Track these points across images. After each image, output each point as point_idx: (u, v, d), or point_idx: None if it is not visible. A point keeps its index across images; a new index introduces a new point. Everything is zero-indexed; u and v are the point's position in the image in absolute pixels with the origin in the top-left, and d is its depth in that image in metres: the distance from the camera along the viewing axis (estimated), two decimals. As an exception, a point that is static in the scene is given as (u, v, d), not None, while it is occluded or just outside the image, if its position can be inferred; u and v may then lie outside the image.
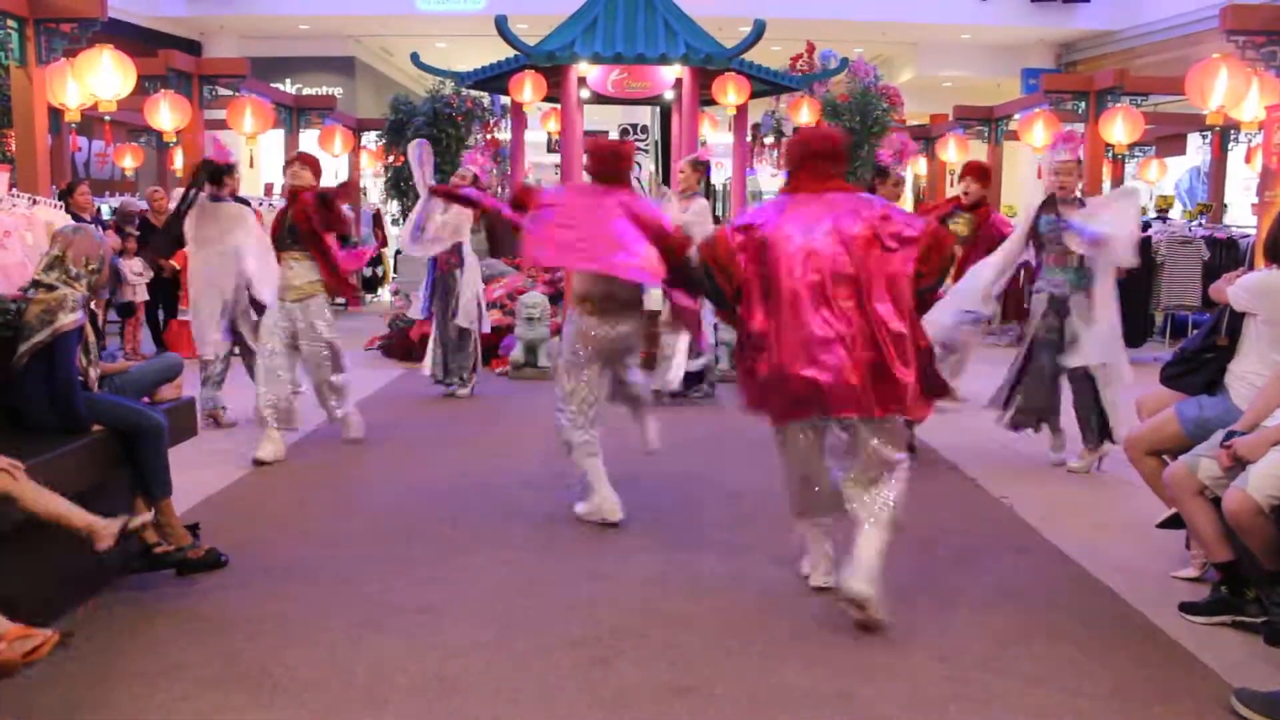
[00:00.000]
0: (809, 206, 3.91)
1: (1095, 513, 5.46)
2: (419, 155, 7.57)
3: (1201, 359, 4.41)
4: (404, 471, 6.14)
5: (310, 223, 6.42)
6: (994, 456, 6.64)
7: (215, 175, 7.03)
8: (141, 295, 10.31)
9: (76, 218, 8.30)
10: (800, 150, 4.06)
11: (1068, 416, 6.40)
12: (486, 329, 8.79)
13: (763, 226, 3.92)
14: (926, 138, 17.20)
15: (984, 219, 7.04)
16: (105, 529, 3.51)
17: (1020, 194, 18.35)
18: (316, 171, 6.75)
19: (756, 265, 3.90)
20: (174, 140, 12.19)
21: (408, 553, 4.66)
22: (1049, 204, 6.17)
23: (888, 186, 6.65)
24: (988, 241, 6.69)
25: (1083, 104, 12.61)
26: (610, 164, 4.96)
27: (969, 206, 7.22)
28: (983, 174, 7.17)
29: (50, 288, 4.14)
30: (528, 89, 12.40)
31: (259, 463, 6.16)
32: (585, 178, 5.15)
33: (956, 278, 6.32)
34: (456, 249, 8.18)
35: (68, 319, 4.07)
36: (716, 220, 8.30)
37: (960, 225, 7.13)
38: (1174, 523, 4.33)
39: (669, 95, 13.72)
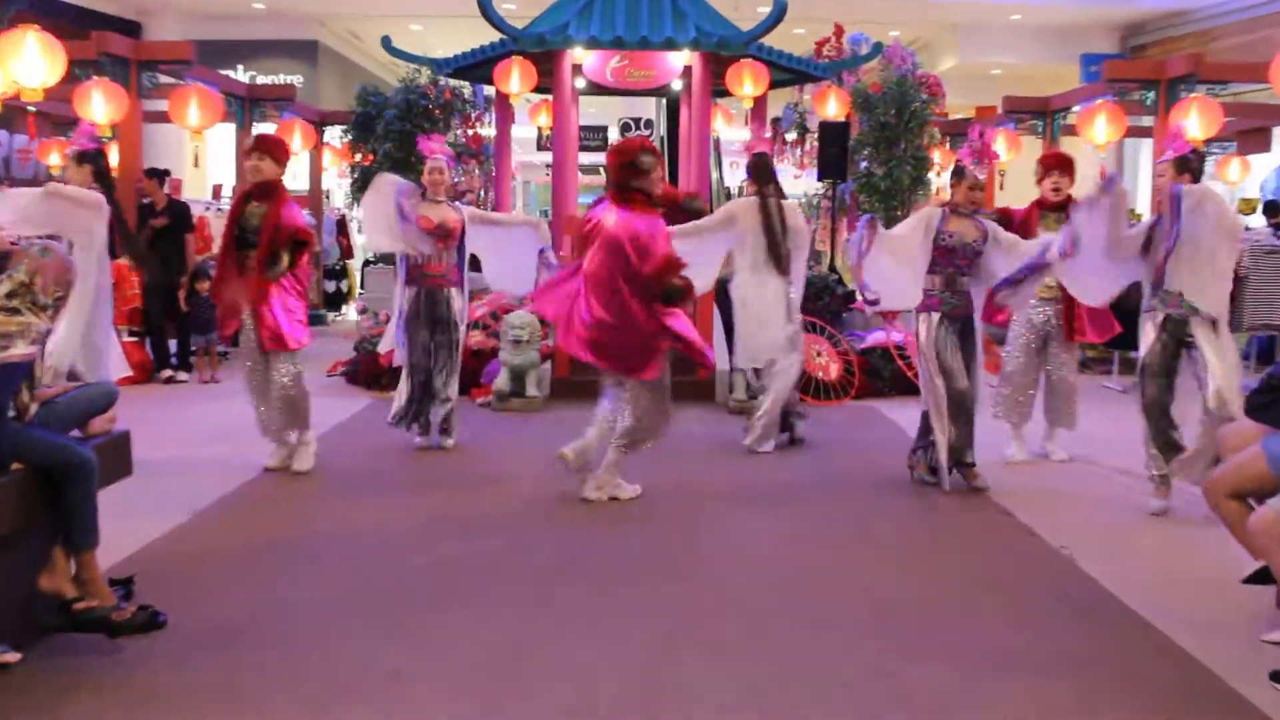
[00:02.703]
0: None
1: (1168, 564, 5.44)
2: (399, 196, 7.30)
3: (1293, 387, 4.40)
4: (372, 515, 6.12)
5: (280, 234, 6.61)
6: (1050, 500, 6.63)
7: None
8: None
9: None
10: None
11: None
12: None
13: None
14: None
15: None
16: None
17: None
18: (281, 158, 6.81)
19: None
20: (109, 135, 12.23)
21: (376, 609, 4.63)
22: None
23: (962, 189, 6.78)
24: None
25: (1151, 94, 12.66)
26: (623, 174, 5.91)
27: (1057, 205, 7.36)
28: (1070, 166, 7.57)
29: (13, 311, 4.09)
30: (515, 78, 12.46)
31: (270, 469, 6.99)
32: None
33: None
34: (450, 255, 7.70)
35: (21, 350, 4.05)
36: None
37: (1051, 225, 7.26)
38: (1262, 577, 4.31)
39: (676, 85, 13.75)
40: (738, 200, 7.97)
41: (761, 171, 7.76)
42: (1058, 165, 7.57)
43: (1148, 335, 6.28)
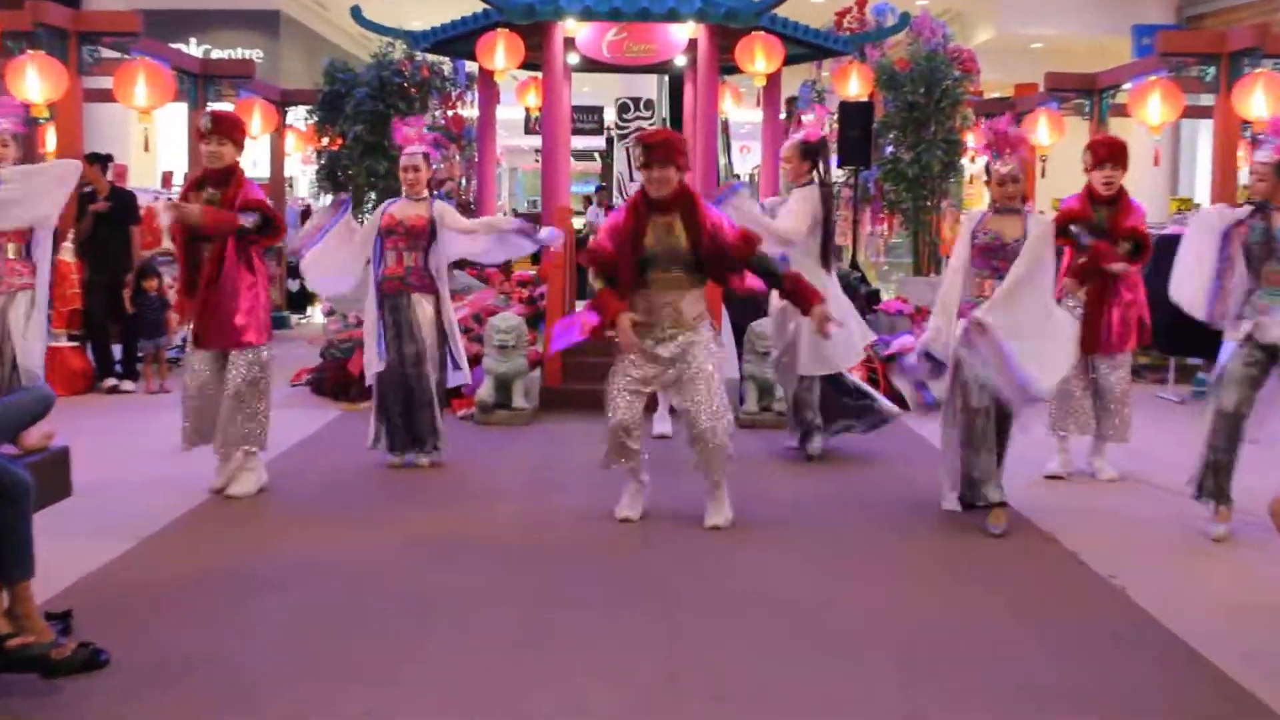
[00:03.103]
0: None
1: (1228, 592, 5.46)
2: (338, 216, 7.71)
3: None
4: (339, 540, 6.12)
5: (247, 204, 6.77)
6: (1098, 523, 6.63)
7: None
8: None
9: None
10: None
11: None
12: (465, 379, 8.24)
13: None
14: (1009, 114, 17.28)
15: (1126, 210, 7.42)
16: None
17: (1135, 187, 18.38)
18: (240, 141, 6.87)
19: None
20: (45, 116, 12.24)
21: (344, 644, 4.63)
22: (1260, 210, 6.27)
23: (992, 187, 6.67)
24: (1133, 239, 7.32)
25: (1212, 70, 12.67)
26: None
27: (1108, 199, 7.36)
28: (1124, 156, 7.55)
29: None
30: (500, 53, 12.48)
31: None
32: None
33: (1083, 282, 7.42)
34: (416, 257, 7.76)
35: None
36: None
37: (1101, 220, 7.33)
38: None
39: (680, 61, 13.81)
40: (802, 192, 7.95)
41: (826, 158, 8.04)
42: (1109, 155, 7.51)
43: (1234, 340, 6.30)
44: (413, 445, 7.81)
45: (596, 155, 26.96)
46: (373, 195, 15.25)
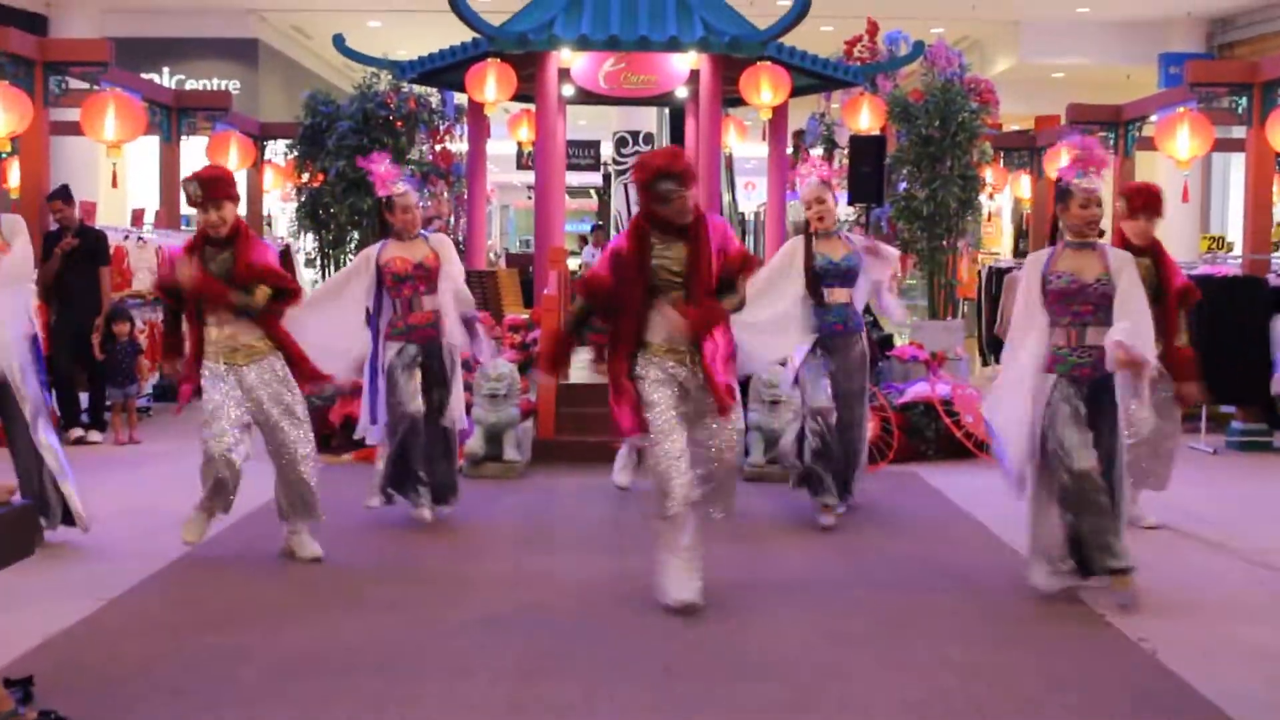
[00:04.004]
0: None
1: (1263, 655, 5.43)
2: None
3: None
4: (316, 604, 6.12)
5: (253, 271, 6.60)
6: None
7: None
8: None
9: None
10: None
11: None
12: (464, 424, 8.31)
13: None
14: (1031, 147, 17.37)
15: (1168, 266, 7.38)
16: None
17: (1164, 224, 18.39)
18: (236, 194, 6.78)
19: None
20: (8, 150, 12.29)
21: (320, 716, 4.61)
22: None
23: (1073, 210, 6.22)
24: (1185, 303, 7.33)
25: (1243, 100, 12.70)
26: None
27: (1142, 249, 7.28)
28: (1160, 205, 7.46)
29: None
30: (491, 85, 12.54)
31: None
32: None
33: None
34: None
35: None
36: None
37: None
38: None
39: (681, 93, 13.89)
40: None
41: None
42: (1144, 205, 7.43)
43: None
44: (427, 494, 7.79)
45: (593, 192, 27.14)
46: (355, 235, 15.27)
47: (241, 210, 6.94)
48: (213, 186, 6.62)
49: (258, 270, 6.65)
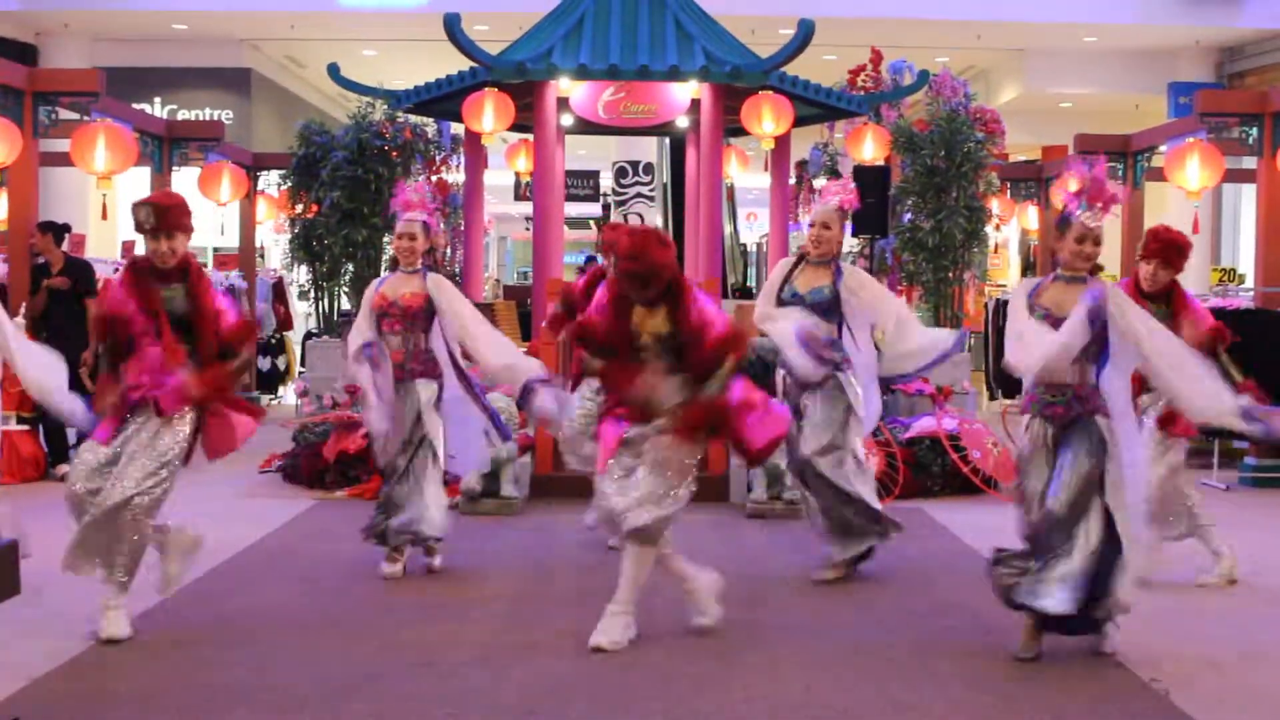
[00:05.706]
0: None
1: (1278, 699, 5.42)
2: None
3: None
4: (311, 645, 6.11)
5: (225, 331, 6.36)
6: (1135, 625, 6.57)
7: None
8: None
9: None
10: None
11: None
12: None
13: None
14: (1037, 178, 17.42)
15: (1189, 308, 7.16)
16: None
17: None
18: (190, 224, 6.38)
19: None
20: (-2, 181, 12.31)
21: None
22: None
23: (1067, 243, 6.00)
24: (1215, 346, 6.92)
25: (1254, 131, 12.74)
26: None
27: (1157, 294, 7.16)
28: (1175, 257, 7.16)
29: None
30: (488, 114, 12.57)
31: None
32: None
33: None
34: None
35: None
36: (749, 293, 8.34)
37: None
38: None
39: (682, 123, 13.92)
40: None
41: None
42: (1159, 253, 7.15)
43: None
44: (412, 541, 7.56)
45: (592, 223, 27.16)
46: (350, 267, 15.26)
47: (234, 241, 6.88)
48: (166, 215, 6.18)
49: (238, 330, 6.43)
